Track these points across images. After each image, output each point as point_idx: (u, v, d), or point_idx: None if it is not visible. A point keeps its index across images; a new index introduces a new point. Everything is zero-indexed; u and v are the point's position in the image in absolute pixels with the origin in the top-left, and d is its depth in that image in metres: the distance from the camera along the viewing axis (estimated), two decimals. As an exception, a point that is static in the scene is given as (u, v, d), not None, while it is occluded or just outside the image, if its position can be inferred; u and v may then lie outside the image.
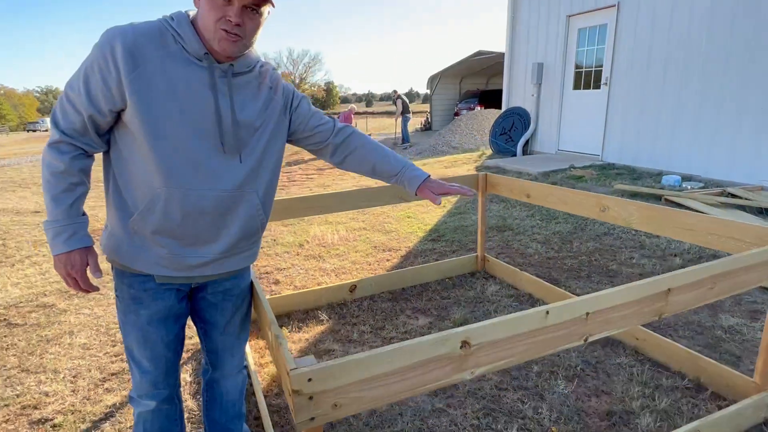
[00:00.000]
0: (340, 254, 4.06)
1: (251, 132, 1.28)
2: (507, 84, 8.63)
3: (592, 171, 6.09)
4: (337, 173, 9.18)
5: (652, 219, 2.15)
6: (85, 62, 1.13)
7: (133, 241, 1.24)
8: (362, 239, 4.46)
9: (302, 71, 74.63)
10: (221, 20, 1.12)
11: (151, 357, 1.34)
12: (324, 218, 5.31)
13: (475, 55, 17.34)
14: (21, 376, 2.35)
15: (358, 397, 1.01)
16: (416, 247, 4.14)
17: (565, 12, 7.10)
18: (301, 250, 4.23)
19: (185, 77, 1.16)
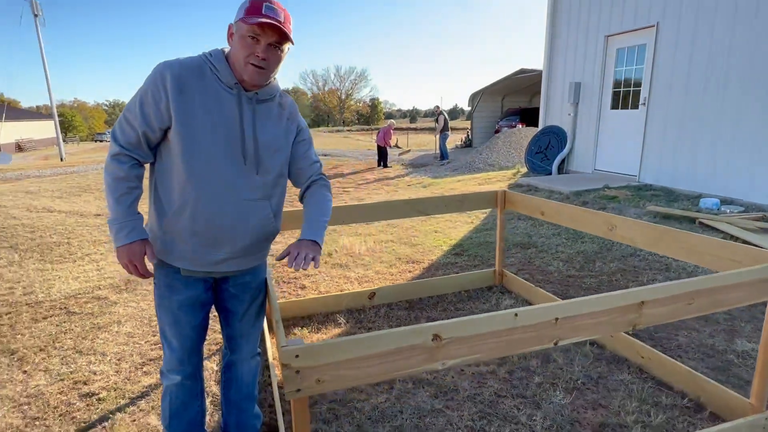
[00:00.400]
0: (366, 264, 4.26)
1: (270, 152, 1.51)
2: (544, 103, 8.63)
3: (626, 192, 5.99)
4: (372, 188, 9.45)
5: (656, 239, 2.21)
6: (141, 89, 1.40)
7: (166, 238, 1.48)
8: (388, 251, 4.63)
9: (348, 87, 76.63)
10: (250, 56, 1.37)
11: (179, 337, 1.57)
12: (354, 230, 5.53)
13: (517, 73, 17.30)
14: (75, 356, 2.69)
15: (339, 375, 1.18)
16: (439, 261, 4.27)
17: (603, 32, 7.08)
18: (329, 258, 4.46)
19: (218, 103, 1.41)
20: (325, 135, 34.97)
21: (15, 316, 3.25)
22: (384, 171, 12.46)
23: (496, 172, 9.68)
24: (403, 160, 15.39)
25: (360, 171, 12.48)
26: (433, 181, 9.60)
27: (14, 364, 2.62)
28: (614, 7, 6.84)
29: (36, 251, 4.77)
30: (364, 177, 11.27)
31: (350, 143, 27.10)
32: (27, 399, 2.28)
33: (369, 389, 2.27)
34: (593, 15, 7.25)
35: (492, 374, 2.37)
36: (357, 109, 78.36)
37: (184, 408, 1.65)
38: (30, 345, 2.83)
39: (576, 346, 2.60)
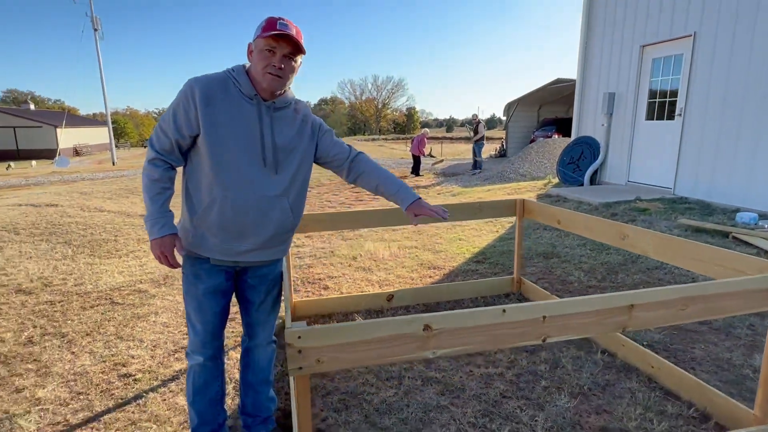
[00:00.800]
0: (388, 268, 4.39)
1: (286, 153, 1.69)
2: (577, 113, 8.53)
3: (659, 204, 5.85)
4: (402, 195, 9.56)
5: (667, 248, 2.23)
6: (174, 102, 1.60)
7: (197, 232, 1.67)
8: (411, 256, 4.75)
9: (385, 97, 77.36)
10: (268, 66, 1.56)
11: (203, 322, 1.75)
12: (381, 235, 5.68)
13: (554, 83, 17.08)
14: (116, 341, 2.95)
15: (337, 357, 1.32)
16: (460, 267, 4.34)
17: (638, 42, 6.97)
18: (353, 262, 4.62)
19: (239, 112, 1.60)
20: (360, 143, 35.49)
21: (66, 304, 3.59)
22: (416, 180, 12.58)
23: (527, 182, 9.61)
24: (435, 169, 15.46)
25: (391, 179, 12.64)
26: (462, 190, 9.64)
27: (64, 345, 2.91)
28: (650, 17, 6.74)
29: (87, 247, 5.19)
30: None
31: (384, 152, 27.39)
32: (73, 376, 2.54)
33: (379, 383, 2.39)
34: (628, 25, 7.16)
35: (500, 376, 2.44)
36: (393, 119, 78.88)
37: (206, 386, 1.83)
38: (78, 330, 3.12)
39: (587, 353, 2.63)
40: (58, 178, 15.52)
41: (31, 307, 3.55)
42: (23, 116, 37.18)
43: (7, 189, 13.06)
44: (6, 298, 3.72)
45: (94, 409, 2.24)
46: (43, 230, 5.70)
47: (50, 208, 6.81)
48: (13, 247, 5.06)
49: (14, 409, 2.25)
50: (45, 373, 2.59)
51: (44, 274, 4.30)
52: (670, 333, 2.84)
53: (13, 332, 3.11)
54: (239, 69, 1.63)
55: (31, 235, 5.48)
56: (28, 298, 3.72)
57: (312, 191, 10.42)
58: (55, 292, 3.84)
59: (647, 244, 2.33)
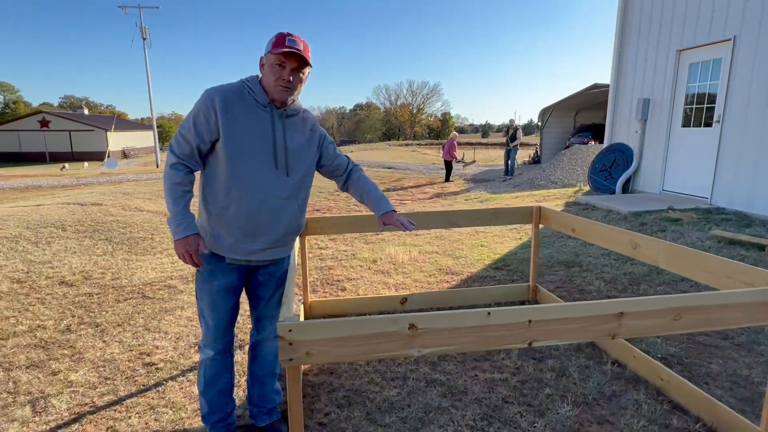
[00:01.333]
0: (406, 272, 4.44)
1: (297, 158, 1.82)
2: (610, 119, 8.31)
3: (692, 214, 5.63)
4: (429, 202, 9.61)
5: (677, 259, 2.19)
6: (193, 110, 1.73)
7: (213, 232, 1.79)
8: (431, 261, 4.78)
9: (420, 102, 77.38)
10: (279, 79, 1.70)
11: (215, 317, 1.88)
12: (403, 240, 5.74)
13: (590, 88, 16.64)
14: (143, 332, 3.15)
15: (326, 351, 1.40)
16: (478, 273, 4.34)
17: (675, 46, 6.74)
18: (373, 265, 4.71)
19: (255, 118, 1.74)
20: (392, 148, 35.67)
21: (103, 297, 3.85)
22: (445, 185, 12.56)
23: (557, 190, 9.43)
24: (466, 174, 15.37)
25: (421, 185, 12.70)
26: (490, 197, 9.56)
27: (97, 334, 3.13)
28: (687, 21, 6.51)
29: (125, 244, 5.52)
30: (423, 191, 11.47)
31: (417, 157, 27.43)
32: (103, 363, 2.74)
33: (384, 382, 2.46)
34: (664, 29, 6.94)
35: (504, 382, 2.45)
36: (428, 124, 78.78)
37: (216, 378, 1.95)
38: (111, 320, 3.35)
39: (596, 363, 2.60)
40: (106, 179, 16.46)
41: (71, 298, 3.83)
42: (77, 120, 39.65)
43: (60, 188, 13.99)
44: (51, 289, 4.03)
45: (118, 393, 2.42)
46: (87, 227, 6.09)
47: (95, 207, 7.27)
48: (60, 242, 5.45)
49: (49, 389, 2.46)
50: (78, 358, 2.80)
51: (85, 268, 4.62)
52: (687, 346, 2.76)
53: (54, 320, 3.37)
54: (253, 79, 1.77)
55: (76, 232, 5.88)
56: (69, 290, 4.01)
57: (340, 195, 10.61)
58: (94, 285, 4.12)
59: (658, 254, 2.30)
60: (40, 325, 3.29)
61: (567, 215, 3.11)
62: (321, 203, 9.44)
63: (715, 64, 6.18)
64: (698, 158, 6.45)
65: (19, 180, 17.82)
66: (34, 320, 3.38)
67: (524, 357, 2.69)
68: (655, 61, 7.15)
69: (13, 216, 6.31)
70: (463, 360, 2.69)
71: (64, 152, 38.03)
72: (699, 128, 6.49)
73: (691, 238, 4.85)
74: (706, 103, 6.38)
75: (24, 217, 6.29)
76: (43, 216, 6.39)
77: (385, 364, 2.65)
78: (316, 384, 2.47)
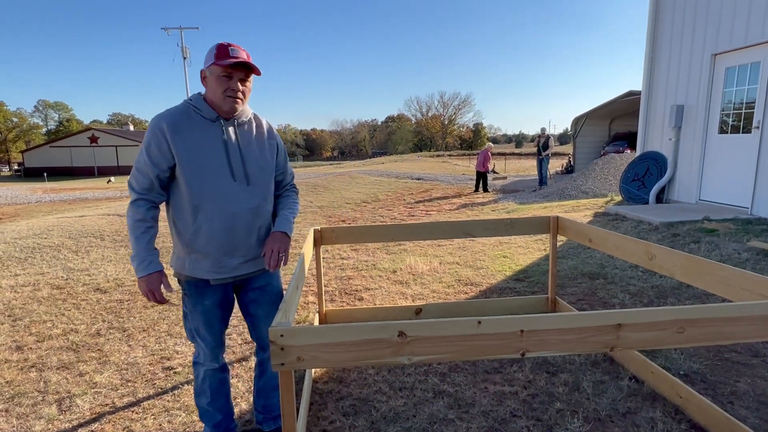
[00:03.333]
0: (425, 283, 4.43)
1: (255, 165, 1.81)
2: (643, 127, 8.04)
3: (730, 225, 5.35)
4: (455, 212, 9.54)
5: (693, 270, 2.10)
6: (145, 142, 1.70)
7: (191, 257, 1.78)
8: (450, 272, 4.75)
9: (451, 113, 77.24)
10: (227, 90, 1.71)
11: (212, 333, 1.89)
12: (425, 250, 5.73)
13: (625, 96, 16.16)
14: (166, 338, 3.28)
15: (316, 357, 1.43)
16: (498, 285, 4.28)
17: (710, 50, 6.49)
18: (392, 275, 4.72)
19: (205, 135, 1.74)
20: (422, 160, 35.69)
21: (132, 303, 4.03)
22: (474, 196, 12.45)
23: (588, 200, 9.16)
24: (495, 185, 15.18)
25: (449, 196, 12.64)
26: (518, 207, 9.40)
27: (124, 339, 3.29)
28: (722, 24, 6.26)
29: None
30: (451, 201, 11.40)
31: (447, 168, 27.32)
32: (126, 366, 2.88)
33: (391, 392, 2.46)
34: (698, 33, 6.69)
35: (514, 395, 2.40)
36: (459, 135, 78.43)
37: (221, 384, 1.98)
38: (137, 326, 3.51)
39: (612, 378, 2.50)
40: (146, 192, 17.21)
41: (104, 303, 4.03)
42: (122, 136, 41.91)
43: (105, 201, 14.78)
44: (86, 295, 4.26)
45: (137, 395, 2.53)
46: (124, 237, 6.41)
47: (132, 218, 7.66)
48: (98, 251, 5.76)
49: (75, 390, 2.60)
50: (104, 361, 2.95)
51: (119, 276, 4.86)
52: (712, 363, 2.63)
53: (86, 324, 3.56)
54: (196, 97, 1.77)
55: (113, 242, 6.20)
56: (103, 296, 4.23)
57: (367, 206, 10.70)
58: (125, 292, 4.33)
59: (674, 265, 2.21)
60: (73, 329, 3.49)
61: (584, 225, 3.04)
62: (347, 214, 9.55)
63: (753, 68, 5.90)
64: (737, 166, 6.14)
65: (69, 193, 18.96)
66: (69, 324, 3.58)
67: (537, 370, 2.63)
68: (689, 66, 6.89)
69: (57, 226, 6.73)
70: (474, 372, 2.65)
71: (111, 166, 40.23)
72: (737, 135, 6.19)
73: (727, 249, 4.61)
74: (744, 108, 6.09)
75: (67, 227, 6.70)
76: (84, 226, 6.78)
77: (394, 373, 2.65)
78: (325, 392, 2.50)
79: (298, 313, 3.72)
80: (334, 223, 8.61)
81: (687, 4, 6.92)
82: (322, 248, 4.20)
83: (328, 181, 15.13)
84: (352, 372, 2.68)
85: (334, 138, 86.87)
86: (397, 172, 20.07)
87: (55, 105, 70.09)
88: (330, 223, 8.56)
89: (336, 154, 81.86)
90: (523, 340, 1.46)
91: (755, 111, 5.85)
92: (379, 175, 18.12)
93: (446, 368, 2.69)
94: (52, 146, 42.47)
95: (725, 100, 6.38)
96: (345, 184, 14.60)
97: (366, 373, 2.67)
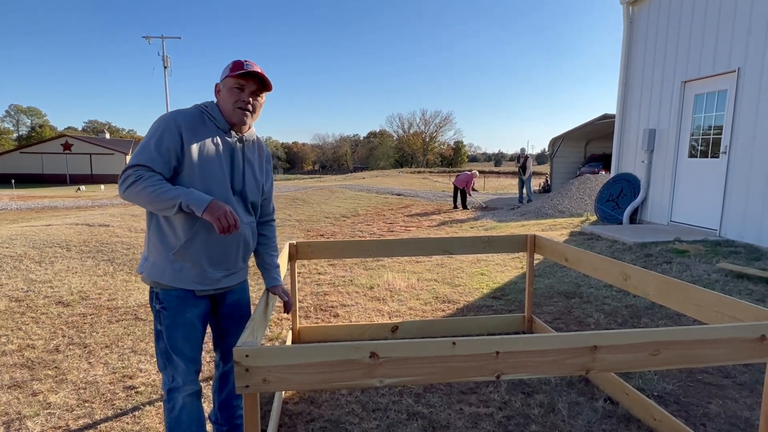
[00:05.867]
0: (402, 300, 4.38)
1: (251, 183, 1.82)
2: (617, 149, 8.27)
3: (700, 246, 5.49)
4: (434, 229, 9.56)
5: (666, 292, 2.12)
6: (153, 135, 1.61)
7: (174, 266, 1.68)
8: (428, 289, 4.71)
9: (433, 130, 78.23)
10: (238, 101, 1.70)
11: (193, 347, 1.76)
12: (403, 266, 5.69)
13: (601, 119, 16.67)
14: (129, 354, 3.13)
15: (283, 378, 1.36)
16: (475, 303, 4.25)
17: (680, 78, 6.74)
18: (369, 291, 4.65)
19: (218, 143, 1.72)
20: (403, 176, 35.88)
21: (96, 317, 3.85)
22: (452, 213, 12.52)
23: (564, 219, 9.31)
24: (473, 203, 15.33)
25: (429, 212, 12.68)
26: (496, 225, 9.48)
27: (84, 355, 3.12)
28: (691, 52, 6.53)
29: (127, 265, 5.56)
30: (430, 218, 11.43)
31: (427, 184, 27.50)
32: (84, 385, 2.72)
33: (364, 414, 2.38)
34: (669, 60, 6.96)
35: (489, 417, 2.35)
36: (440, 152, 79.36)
37: (200, 413, 1.82)
38: (100, 341, 3.34)
39: (587, 399, 2.48)
40: (120, 201, 16.76)
41: (65, 317, 3.84)
42: (98, 144, 40.87)
43: (75, 209, 14.29)
44: (47, 309, 4.05)
45: (94, 417, 2.38)
46: (92, 248, 6.17)
47: (102, 228, 7.38)
48: (63, 262, 5.52)
49: (26, 410, 2.43)
50: (61, 380, 2.78)
51: (84, 288, 4.65)
52: (685, 384, 2.64)
53: (44, 340, 3.37)
54: (211, 105, 1.76)
55: (80, 252, 5.95)
56: (65, 310, 4.03)
57: (346, 221, 10.63)
58: (90, 306, 4.14)
59: (648, 286, 2.22)
60: (29, 344, 3.29)
61: (560, 244, 3.06)
62: (326, 228, 9.46)
63: (720, 95, 6.14)
64: (706, 189, 6.34)
65: (37, 201, 18.28)
66: (25, 339, 3.38)
67: (513, 391, 2.59)
68: (661, 92, 7.14)
69: (21, 235, 6.43)
70: (449, 392, 2.60)
71: (85, 175, 39.07)
72: (706, 159, 6.41)
73: (697, 270, 4.71)
74: (712, 134, 6.32)
75: (32, 236, 6.41)
76: (50, 236, 6.50)
77: (367, 393, 2.58)
78: (295, 413, 2.40)
79: (270, 329, 3.61)
80: (312, 237, 8.51)
81: (659, 32, 7.20)
82: (298, 263, 4.12)
83: (308, 194, 15.02)
84: (324, 392, 2.59)
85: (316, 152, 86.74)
86: (377, 187, 20.09)
87: (28, 110, 68.13)
88: (308, 237, 8.45)
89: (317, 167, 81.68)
90: (499, 362, 1.42)
91: (722, 137, 6.07)
92: (359, 189, 18.10)
93: (421, 389, 2.63)
94: (22, 152, 41.10)
95: (694, 125, 6.62)
96: (325, 198, 14.51)
97: (339, 393, 2.58)
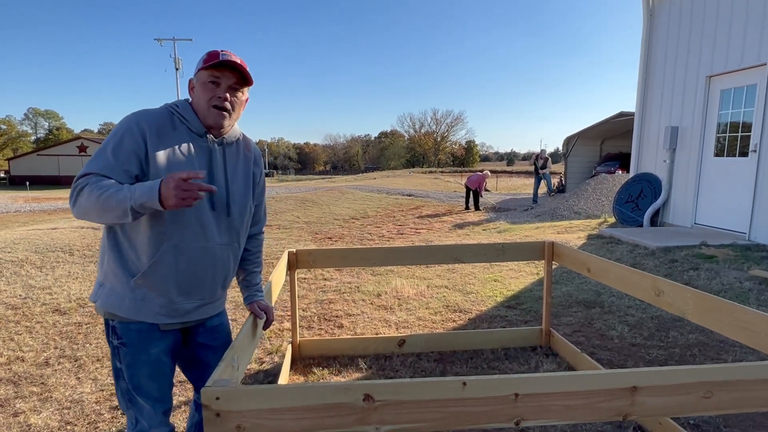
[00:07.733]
0: (411, 309, 4.15)
1: (237, 194, 1.54)
2: (636, 148, 7.92)
3: (729, 251, 5.15)
4: (445, 231, 9.31)
5: (708, 311, 1.86)
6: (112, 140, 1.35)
7: (136, 295, 1.41)
8: (438, 297, 4.48)
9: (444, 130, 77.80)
10: (213, 98, 1.42)
11: (160, 386, 1.50)
12: (412, 272, 5.46)
13: (617, 116, 16.20)
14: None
15: (260, 425, 1.14)
16: (488, 312, 4.01)
17: (704, 72, 6.39)
18: (376, 299, 4.43)
19: (190, 151, 1.44)
20: (414, 176, 35.60)
21: (91, 327, 3.70)
22: (464, 214, 12.25)
23: (580, 221, 8.98)
24: (485, 203, 15.02)
25: (440, 213, 12.41)
26: (509, 227, 9.19)
27: (73, 370, 2.95)
28: (717, 45, 6.18)
29: (129, 270, 5.42)
30: (442, 220, 11.17)
31: (438, 185, 27.18)
32: (69, 404, 2.54)
33: (365, 443, 2.15)
34: (693, 54, 6.61)
35: (505, 447, 2.12)
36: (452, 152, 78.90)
37: None
38: (92, 354, 3.17)
39: (615, 428, 2.23)
40: (130, 203, 16.79)
41: (60, 327, 3.69)
42: (113, 146, 41.37)
43: (86, 212, 14.35)
44: (42, 317, 3.91)
45: (74, 443, 2.20)
46: (95, 252, 6.06)
47: (108, 232, 7.30)
48: (65, 267, 5.41)
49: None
50: (46, 398, 2.61)
51: (83, 295, 4.51)
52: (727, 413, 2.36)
53: (35, 352, 3.22)
54: (183, 104, 1.47)
55: (83, 257, 5.84)
56: (60, 319, 3.88)
57: (355, 222, 10.43)
58: (86, 314, 3.99)
59: (685, 305, 1.96)
60: (19, 356, 3.15)
61: (581, 253, 2.80)
62: (334, 231, 9.26)
63: (749, 90, 5.79)
64: (734, 190, 5.99)
65: (51, 203, 18.46)
66: (16, 351, 3.23)
67: None
68: (684, 88, 6.80)
69: (25, 239, 6.36)
70: None
71: (99, 176, 39.58)
72: (734, 158, 6.05)
73: (728, 278, 4.40)
74: (740, 131, 5.96)
75: (35, 240, 6.33)
76: (53, 240, 6.41)
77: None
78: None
79: (270, 341, 3.41)
80: (320, 239, 8.32)
81: (681, 25, 6.86)
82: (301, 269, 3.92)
83: (318, 195, 14.86)
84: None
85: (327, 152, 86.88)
86: (388, 187, 19.87)
87: (46, 113, 69.42)
88: (316, 240, 8.26)
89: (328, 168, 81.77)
90: (518, 406, 1.19)
91: (752, 134, 5.72)
92: (370, 190, 17.89)
93: None
94: (39, 154, 41.84)
95: (721, 122, 6.27)
96: (334, 200, 14.33)
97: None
